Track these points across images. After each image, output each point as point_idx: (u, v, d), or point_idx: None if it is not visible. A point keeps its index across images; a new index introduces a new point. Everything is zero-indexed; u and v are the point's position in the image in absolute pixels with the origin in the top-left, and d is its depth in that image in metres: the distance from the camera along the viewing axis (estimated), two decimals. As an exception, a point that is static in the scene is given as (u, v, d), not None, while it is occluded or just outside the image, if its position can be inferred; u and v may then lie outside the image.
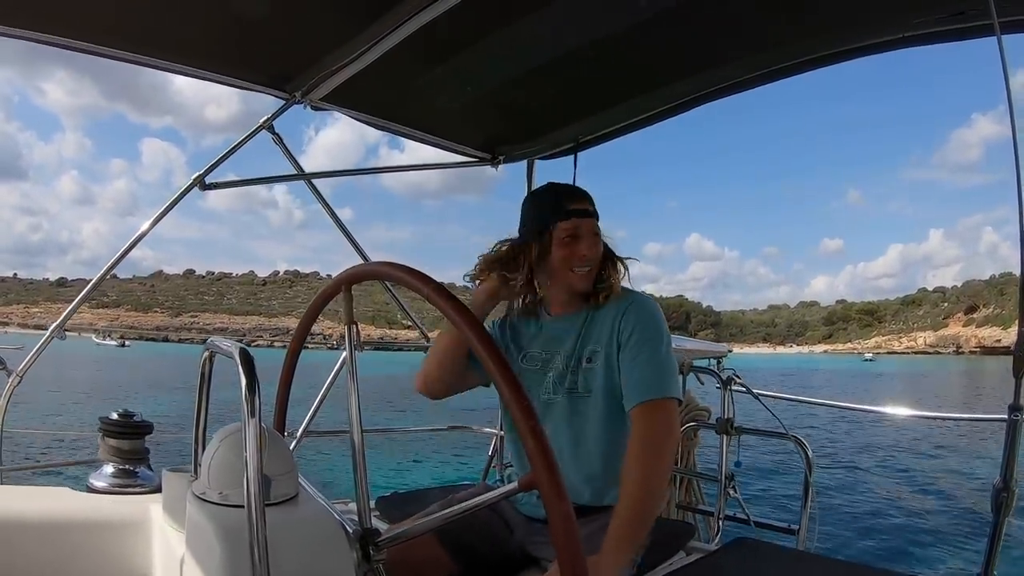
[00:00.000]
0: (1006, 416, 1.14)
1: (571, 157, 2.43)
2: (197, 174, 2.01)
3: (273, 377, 1.08)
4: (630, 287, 1.45)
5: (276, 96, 2.02)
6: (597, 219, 1.43)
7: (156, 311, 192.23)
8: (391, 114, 2.26)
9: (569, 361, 1.39)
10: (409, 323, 2.61)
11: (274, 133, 2.14)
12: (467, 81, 1.97)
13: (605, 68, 1.88)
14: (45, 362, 1.89)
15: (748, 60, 1.80)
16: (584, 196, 1.45)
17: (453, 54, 1.78)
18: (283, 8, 1.57)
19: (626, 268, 1.45)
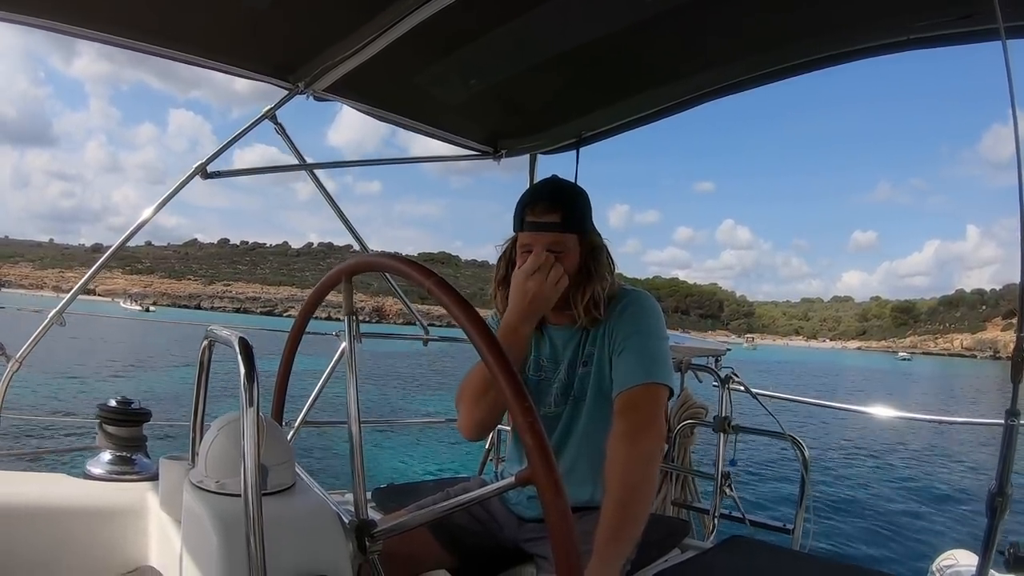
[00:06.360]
0: (1003, 421, 1.14)
1: (573, 152, 2.42)
2: (199, 163, 2.01)
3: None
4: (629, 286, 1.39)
5: (279, 86, 2.02)
6: (568, 230, 1.26)
7: (190, 279, 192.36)
8: (393, 106, 2.25)
9: (571, 370, 1.36)
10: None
11: (277, 123, 2.14)
12: (470, 74, 1.96)
13: (608, 64, 1.87)
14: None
15: (750, 59, 1.80)
16: (550, 203, 1.27)
17: (457, 47, 1.78)
18: None
19: (609, 283, 1.32)
